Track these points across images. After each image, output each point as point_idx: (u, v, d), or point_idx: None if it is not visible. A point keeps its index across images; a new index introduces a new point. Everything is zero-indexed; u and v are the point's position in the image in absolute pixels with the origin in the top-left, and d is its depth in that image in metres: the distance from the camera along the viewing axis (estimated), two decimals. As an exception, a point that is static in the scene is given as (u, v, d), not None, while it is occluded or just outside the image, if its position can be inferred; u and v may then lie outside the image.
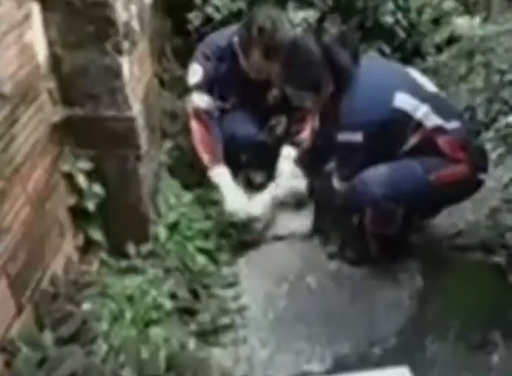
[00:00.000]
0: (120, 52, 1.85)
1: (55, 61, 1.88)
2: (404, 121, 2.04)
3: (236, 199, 2.41)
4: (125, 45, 1.86)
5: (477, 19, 2.35)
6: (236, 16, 2.75)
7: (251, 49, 2.31)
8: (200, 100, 2.47)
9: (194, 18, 2.85)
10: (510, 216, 2.30)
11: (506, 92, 1.80)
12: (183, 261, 2.19)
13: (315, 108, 2.25)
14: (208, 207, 2.47)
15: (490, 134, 1.75)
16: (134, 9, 1.94)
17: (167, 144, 2.57)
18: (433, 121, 2.04)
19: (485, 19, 3.41)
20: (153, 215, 2.23)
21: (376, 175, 2.07)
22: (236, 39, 2.38)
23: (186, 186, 2.52)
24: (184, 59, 3.08)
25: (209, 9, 2.79)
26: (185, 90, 3.04)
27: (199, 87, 2.46)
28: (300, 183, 2.45)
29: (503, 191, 2.41)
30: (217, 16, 2.77)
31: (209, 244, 2.31)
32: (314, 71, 2.05)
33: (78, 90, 1.93)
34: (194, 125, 2.49)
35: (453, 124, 2.06)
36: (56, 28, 1.83)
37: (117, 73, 1.88)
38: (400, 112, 2.02)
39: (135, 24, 1.97)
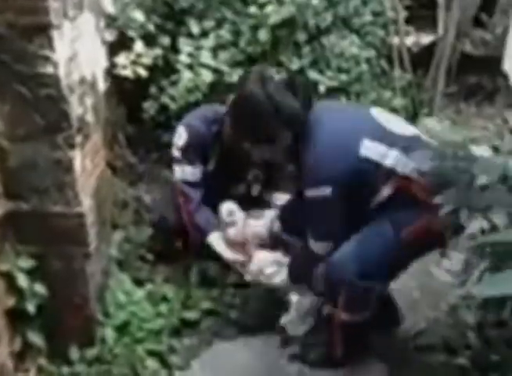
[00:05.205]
0: (72, 146, 1.77)
1: (0, 153, 1.78)
2: (373, 171, 1.91)
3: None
4: (78, 138, 1.79)
5: (446, 123, 2.35)
6: (193, 105, 2.72)
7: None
8: (182, 173, 2.42)
9: (149, 107, 2.82)
10: (470, 313, 2.27)
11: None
12: (132, 366, 2.02)
13: (276, 159, 2.14)
14: (159, 304, 2.32)
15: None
16: (89, 102, 1.89)
17: (117, 236, 2.44)
18: (406, 165, 1.90)
19: (428, 115, 3.56)
20: (100, 316, 2.08)
21: (344, 254, 1.95)
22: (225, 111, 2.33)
23: (137, 281, 2.38)
24: (137, 146, 3.03)
25: (165, 99, 2.76)
26: (137, 177, 2.99)
27: (180, 157, 2.40)
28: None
29: (461, 287, 2.40)
30: (173, 106, 2.74)
31: (161, 346, 2.15)
32: (263, 123, 1.95)
33: (24, 184, 1.83)
34: (180, 201, 2.44)
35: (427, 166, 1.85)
36: (4, 120, 1.75)
37: (67, 167, 1.80)
38: (367, 161, 1.91)
39: (89, 117, 1.90)
